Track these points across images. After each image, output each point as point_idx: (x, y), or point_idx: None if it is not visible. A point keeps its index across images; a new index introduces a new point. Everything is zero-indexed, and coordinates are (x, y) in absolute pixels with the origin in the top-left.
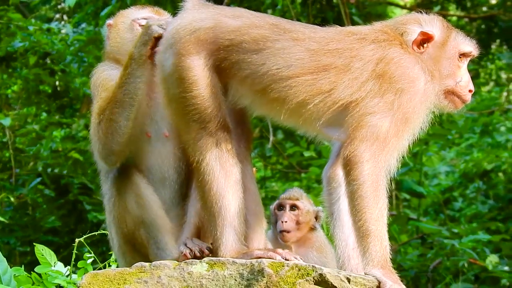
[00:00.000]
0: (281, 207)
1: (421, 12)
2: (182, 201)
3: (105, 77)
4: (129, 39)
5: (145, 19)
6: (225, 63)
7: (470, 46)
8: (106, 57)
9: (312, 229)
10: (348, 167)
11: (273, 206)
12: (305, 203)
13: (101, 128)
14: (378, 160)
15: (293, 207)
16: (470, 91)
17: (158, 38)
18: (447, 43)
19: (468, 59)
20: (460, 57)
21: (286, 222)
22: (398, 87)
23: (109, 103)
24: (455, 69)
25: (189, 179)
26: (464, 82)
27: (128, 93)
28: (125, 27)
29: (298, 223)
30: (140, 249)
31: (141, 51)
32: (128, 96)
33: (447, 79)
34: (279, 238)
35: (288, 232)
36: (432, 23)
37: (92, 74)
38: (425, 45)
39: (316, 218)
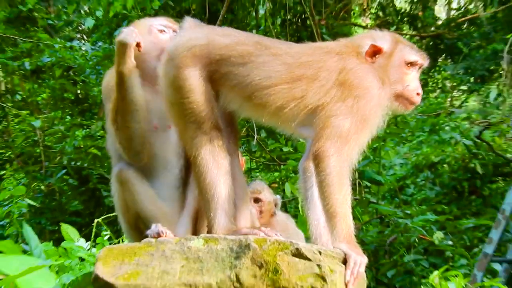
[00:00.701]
0: None
1: (376, 29)
2: (182, 185)
3: (114, 84)
4: (148, 41)
5: (162, 25)
6: (217, 74)
7: (415, 56)
8: None
9: (273, 215)
10: (317, 161)
11: None
12: (267, 195)
13: (119, 135)
14: (341, 154)
15: (257, 200)
16: (418, 94)
17: (138, 44)
18: (394, 53)
19: (417, 67)
20: (407, 66)
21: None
22: (356, 94)
23: (117, 113)
24: (402, 75)
25: (187, 164)
26: (411, 87)
27: (131, 102)
28: (144, 32)
29: (261, 212)
30: (143, 234)
31: (128, 66)
32: (132, 104)
33: (395, 84)
34: None
35: None
36: (383, 38)
37: (104, 76)
38: (376, 56)
39: (276, 205)
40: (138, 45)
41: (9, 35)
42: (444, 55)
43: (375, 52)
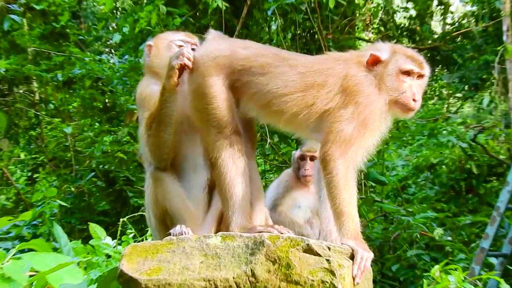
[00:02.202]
0: (303, 157)
1: (382, 41)
2: (208, 186)
3: (148, 93)
4: (167, 56)
5: (181, 41)
6: (238, 83)
7: (411, 65)
8: (147, 71)
9: None
10: (324, 164)
11: (296, 155)
12: None
13: (150, 142)
14: (346, 157)
15: (312, 158)
16: (414, 100)
17: (180, 68)
18: (389, 63)
19: (415, 76)
20: (403, 74)
21: (307, 169)
22: (356, 100)
23: (152, 122)
24: (399, 83)
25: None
26: (408, 94)
27: (166, 115)
28: (164, 47)
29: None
30: (169, 229)
31: (170, 82)
32: (166, 117)
33: (392, 92)
34: (302, 180)
35: (309, 176)
36: (383, 48)
37: (138, 86)
38: (377, 65)
39: None
40: (185, 65)
41: (44, 49)
42: (440, 66)
43: (374, 61)
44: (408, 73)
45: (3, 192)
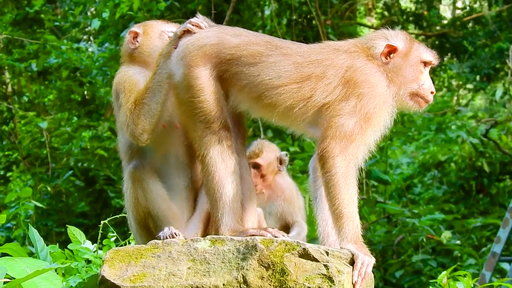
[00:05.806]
0: None
1: (387, 28)
2: (192, 184)
3: (129, 76)
4: (159, 46)
5: (173, 32)
6: (227, 74)
7: (431, 56)
8: (129, 59)
9: (277, 172)
10: (322, 161)
11: None
12: (266, 156)
13: (136, 112)
14: (346, 154)
15: (255, 166)
16: (431, 92)
17: (180, 37)
18: (410, 53)
19: (429, 67)
20: (423, 65)
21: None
22: (359, 92)
23: (142, 93)
24: (418, 74)
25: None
26: (426, 85)
27: (157, 82)
28: (155, 36)
29: (262, 176)
30: (152, 233)
31: (168, 48)
32: (157, 84)
33: (411, 83)
34: None
35: (254, 186)
36: (397, 37)
37: (116, 75)
38: (391, 55)
39: (281, 162)
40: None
41: (16, 36)
42: (449, 54)
43: (390, 51)
44: (426, 64)
45: None
